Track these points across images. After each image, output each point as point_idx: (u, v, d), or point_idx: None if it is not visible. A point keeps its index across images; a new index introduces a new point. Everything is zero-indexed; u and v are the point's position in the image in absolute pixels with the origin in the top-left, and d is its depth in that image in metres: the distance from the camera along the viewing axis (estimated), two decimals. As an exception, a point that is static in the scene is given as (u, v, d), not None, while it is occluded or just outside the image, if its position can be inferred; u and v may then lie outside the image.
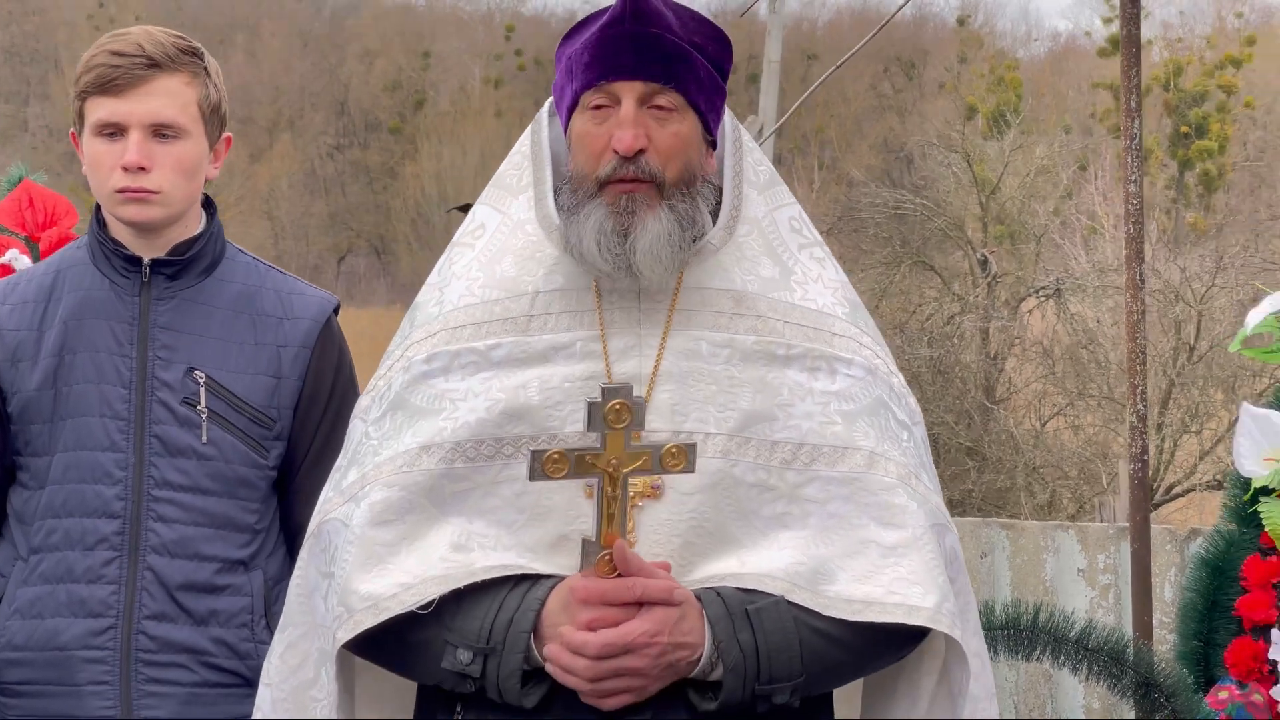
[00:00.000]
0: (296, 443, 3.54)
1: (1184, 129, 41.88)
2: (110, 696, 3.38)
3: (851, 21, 50.67)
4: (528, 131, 3.08)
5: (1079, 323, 22.72)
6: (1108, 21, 47.53)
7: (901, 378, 3.01)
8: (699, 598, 2.71)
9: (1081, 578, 7.19)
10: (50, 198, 4.44)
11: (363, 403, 2.99)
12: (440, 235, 41.87)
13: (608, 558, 2.66)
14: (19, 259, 4.32)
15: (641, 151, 2.79)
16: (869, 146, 40.48)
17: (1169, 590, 6.83)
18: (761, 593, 2.73)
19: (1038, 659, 4.14)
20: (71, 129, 3.57)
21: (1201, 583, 4.19)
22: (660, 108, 2.82)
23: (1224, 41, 44.65)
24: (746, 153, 3.01)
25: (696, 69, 2.85)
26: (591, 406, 2.62)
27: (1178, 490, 21.57)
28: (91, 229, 3.56)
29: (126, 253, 3.50)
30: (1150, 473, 20.71)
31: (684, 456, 2.66)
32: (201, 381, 3.45)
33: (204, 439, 3.44)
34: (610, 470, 2.63)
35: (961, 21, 49.62)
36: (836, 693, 2.99)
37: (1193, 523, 20.50)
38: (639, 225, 2.79)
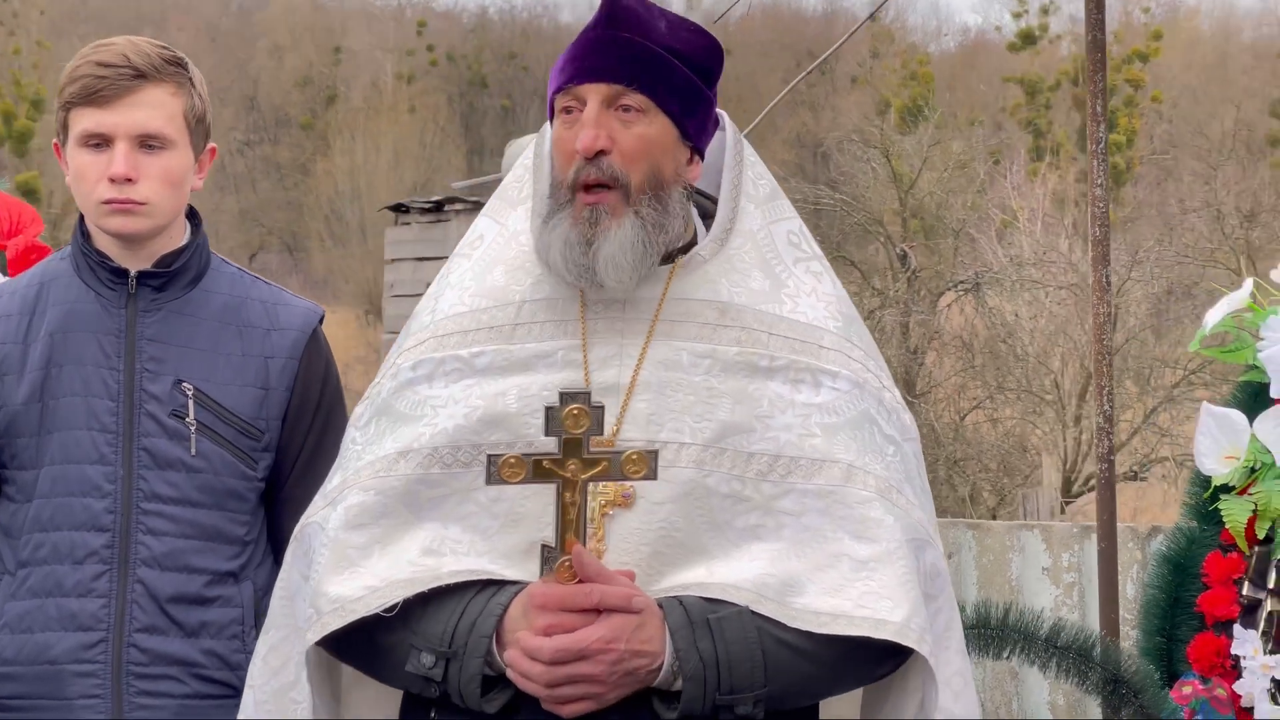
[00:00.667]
0: (284, 454, 3.52)
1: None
2: (102, 710, 3.35)
3: (763, 17, 50.77)
4: (532, 143, 3.08)
5: (997, 316, 22.89)
6: (1017, 16, 47.96)
7: (896, 393, 3.00)
8: (661, 606, 2.71)
9: (1046, 576, 7.26)
10: (15, 206, 4.40)
11: (357, 410, 3.02)
12: (354, 232, 41.65)
13: (568, 564, 2.66)
14: (-15, 267, 4.27)
15: (604, 153, 2.80)
16: (782, 141, 40.64)
17: (1131, 587, 6.90)
18: (726, 602, 2.73)
19: (1007, 658, 4.17)
20: (55, 140, 3.53)
21: (1163, 579, 4.23)
22: (627, 108, 2.83)
23: (1131, 36, 45.15)
24: (748, 166, 3.02)
25: (670, 73, 2.85)
26: (549, 411, 2.63)
27: (1095, 482, 21.78)
28: (76, 240, 3.52)
29: (112, 265, 3.46)
30: (1070, 465, 20.91)
31: (645, 463, 2.66)
32: (190, 393, 3.43)
33: (193, 451, 3.42)
34: (569, 475, 2.64)
35: (873, 17, 49.84)
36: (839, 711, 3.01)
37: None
38: (602, 234, 2.80)
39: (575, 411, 2.62)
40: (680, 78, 2.86)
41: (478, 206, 17.41)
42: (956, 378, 22.90)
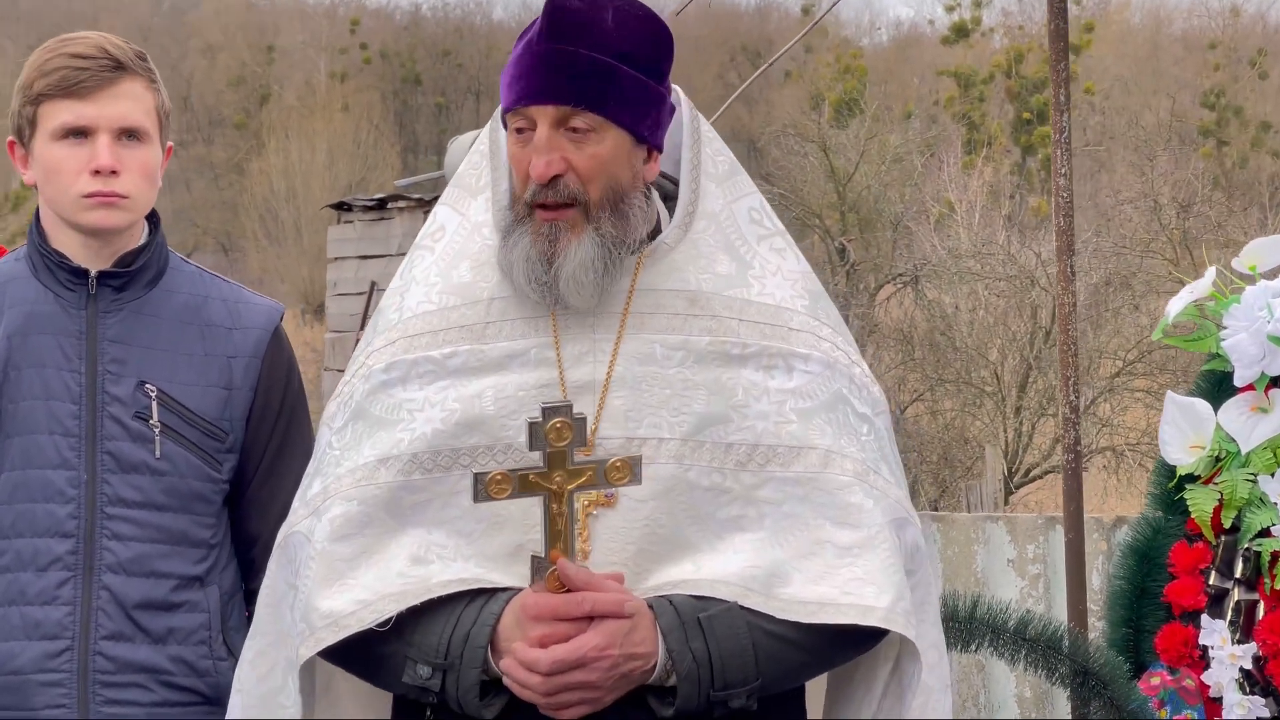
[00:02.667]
0: (249, 455, 3.46)
1: (1025, 115, 42.49)
2: None
3: (696, 11, 50.69)
4: (486, 129, 3.05)
5: (936, 309, 22.96)
6: (950, 9, 48.15)
7: (865, 367, 3.02)
8: (652, 606, 2.72)
9: (1011, 568, 7.27)
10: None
11: (329, 409, 2.99)
12: (290, 231, 41.44)
13: (556, 573, 2.67)
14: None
15: (559, 176, 2.79)
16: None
17: (1096, 578, 6.92)
18: (715, 599, 2.74)
19: (975, 650, 4.16)
20: (9, 138, 3.45)
21: (1129, 570, 4.23)
22: (576, 129, 2.80)
23: (1063, 29, 45.28)
24: (705, 143, 3.00)
25: (619, 83, 2.81)
26: (532, 426, 2.64)
27: (1036, 472, 21.87)
28: (32, 240, 3.43)
29: (72, 265, 3.38)
30: (1011, 455, 20.98)
31: (629, 470, 2.68)
32: (153, 395, 3.36)
33: (157, 454, 3.34)
34: (554, 488, 2.65)
35: (806, 10, 49.98)
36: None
37: (1049, 505, 20.82)
38: (561, 253, 2.79)
39: (559, 425, 2.63)
40: (629, 85, 2.82)
41: (421, 204, 17.34)
42: (896, 370, 22.95)
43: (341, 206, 18.97)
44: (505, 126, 2.89)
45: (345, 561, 2.78)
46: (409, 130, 49.76)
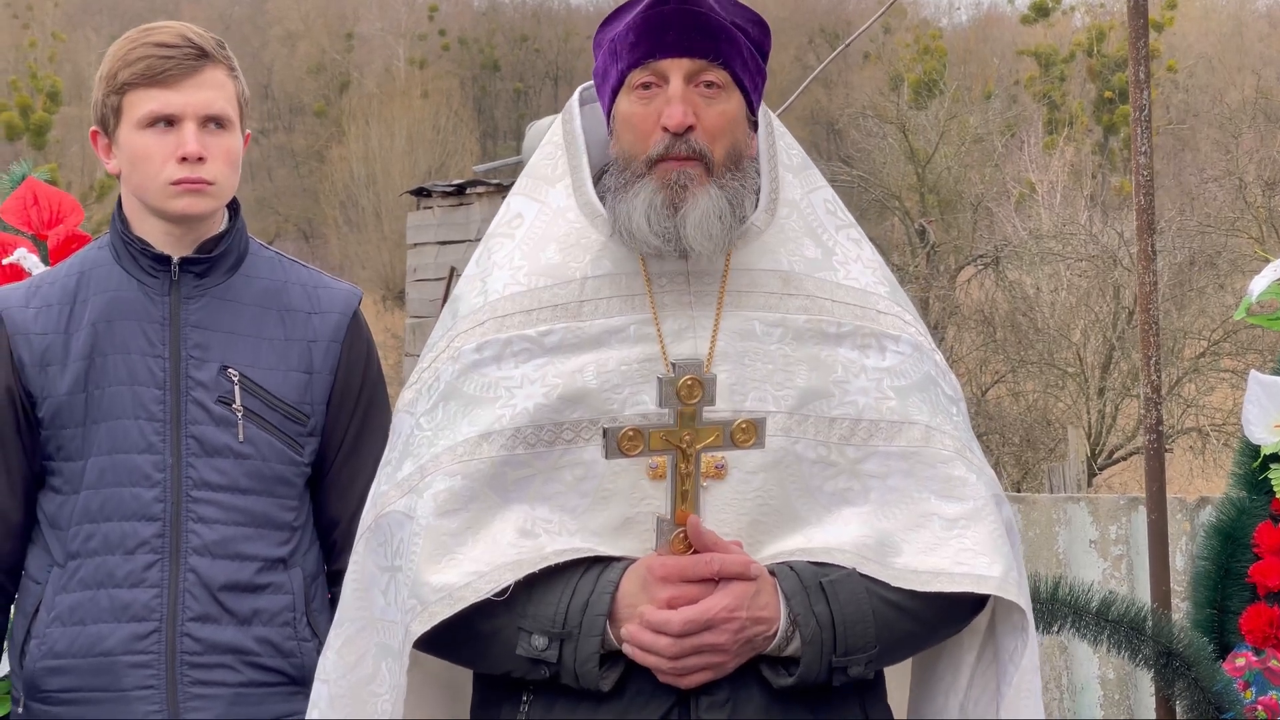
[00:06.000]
0: (330, 437, 3.51)
1: (1107, 94, 42.17)
2: (157, 700, 3.34)
3: (775, -7, 50.62)
4: (559, 121, 3.06)
5: (1017, 290, 22.84)
6: (1030, -11, 47.84)
7: (941, 355, 3.02)
8: (772, 572, 2.72)
9: (1094, 549, 7.22)
10: (55, 195, 4.36)
11: (406, 396, 2.96)
12: (370, 218, 41.70)
13: (682, 535, 2.66)
14: (27, 258, 4.24)
15: (691, 129, 2.78)
16: (795, 118, 40.56)
17: (1180, 559, 6.88)
18: (833, 565, 2.74)
19: (1057, 632, 4.15)
20: (92, 128, 3.50)
21: (1214, 550, 4.21)
22: (709, 84, 2.81)
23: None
24: (779, 136, 3.00)
25: (741, 48, 2.84)
26: (663, 383, 2.62)
27: (1120, 454, 21.73)
28: (115, 228, 3.49)
29: (154, 252, 3.43)
30: (1094, 437, 20.84)
31: (754, 431, 2.67)
32: (236, 380, 3.41)
33: (241, 438, 3.40)
34: (684, 446, 2.63)
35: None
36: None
37: (1134, 487, 20.68)
38: (689, 200, 2.78)
39: (690, 382, 2.62)
40: (748, 52, 2.86)
41: (499, 189, 17.40)
42: (978, 352, 22.86)
43: (421, 192, 19.07)
44: (613, 92, 2.87)
45: (452, 536, 2.75)
46: (487, 116, 49.90)
